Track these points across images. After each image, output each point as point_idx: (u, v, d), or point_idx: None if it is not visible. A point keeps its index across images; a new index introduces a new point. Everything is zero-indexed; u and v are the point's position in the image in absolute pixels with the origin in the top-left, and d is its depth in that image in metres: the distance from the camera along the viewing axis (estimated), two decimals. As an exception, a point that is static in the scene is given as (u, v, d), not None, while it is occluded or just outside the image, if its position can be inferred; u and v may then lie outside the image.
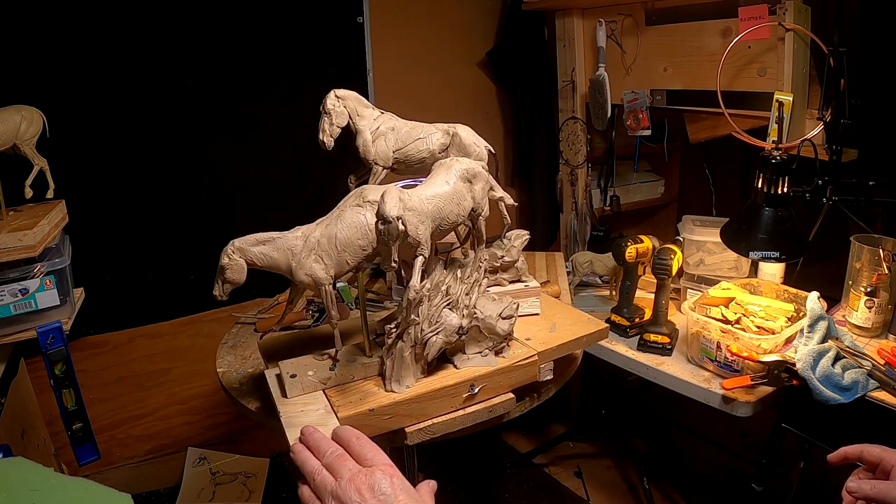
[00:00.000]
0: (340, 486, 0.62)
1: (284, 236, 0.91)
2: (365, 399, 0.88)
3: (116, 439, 1.91)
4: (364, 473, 0.63)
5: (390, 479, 0.62)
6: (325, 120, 1.09)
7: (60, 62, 1.57)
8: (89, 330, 1.78)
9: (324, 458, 0.67)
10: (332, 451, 0.67)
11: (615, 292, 1.78)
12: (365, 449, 0.67)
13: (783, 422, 1.33)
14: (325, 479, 0.64)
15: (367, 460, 0.65)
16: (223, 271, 0.89)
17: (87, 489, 0.69)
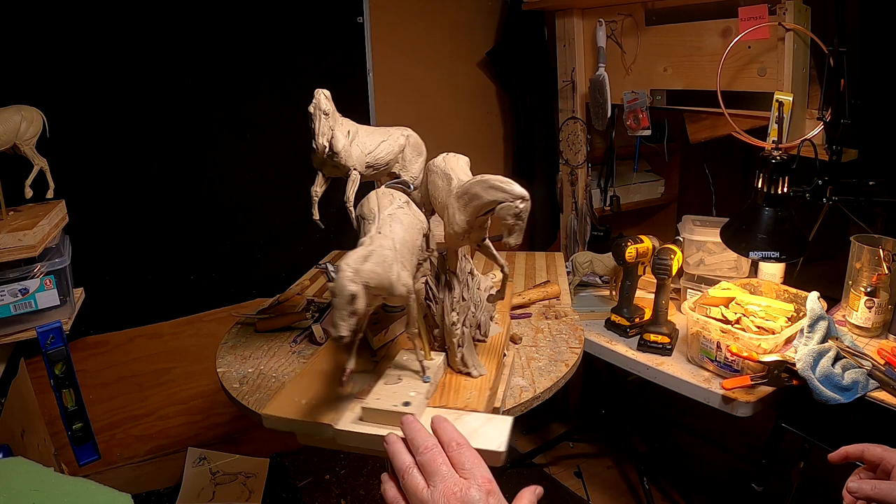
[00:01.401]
0: (432, 496, 0.57)
1: (378, 246, 0.78)
2: (481, 392, 0.88)
3: (116, 439, 1.91)
4: (460, 486, 0.58)
5: (486, 498, 0.57)
6: (324, 121, 1.01)
7: (60, 62, 1.57)
8: (89, 330, 1.78)
9: (418, 454, 0.62)
10: (428, 447, 0.62)
11: (615, 292, 1.78)
12: (464, 457, 0.61)
13: (783, 422, 1.33)
14: (417, 483, 0.59)
15: (465, 470, 0.60)
16: (353, 301, 0.69)
17: (87, 489, 0.69)
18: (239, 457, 2.05)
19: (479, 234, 0.92)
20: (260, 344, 1.21)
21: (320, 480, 2.07)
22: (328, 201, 1.11)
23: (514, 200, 0.83)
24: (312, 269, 1.64)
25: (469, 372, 0.94)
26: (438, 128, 2.30)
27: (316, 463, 2.14)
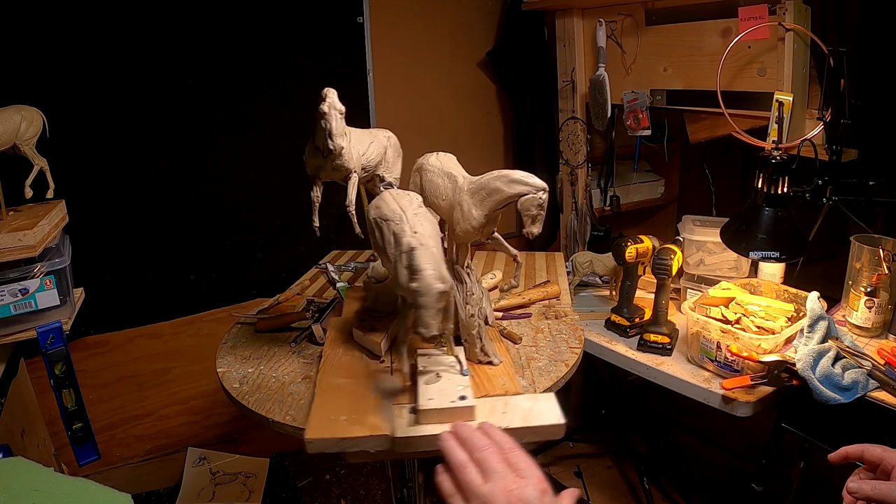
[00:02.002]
0: (491, 490, 0.59)
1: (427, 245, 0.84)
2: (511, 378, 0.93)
3: (116, 439, 1.91)
4: (517, 485, 0.60)
5: (541, 496, 0.59)
6: (341, 120, 0.96)
7: (60, 62, 1.57)
8: (89, 330, 1.78)
9: (474, 451, 0.64)
10: (484, 446, 0.64)
11: (615, 292, 1.78)
12: (519, 458, 0.64)
13: (783, 422, 1.33)
14: (475, 478, 0.61)
15: (521, 470, 0.62)
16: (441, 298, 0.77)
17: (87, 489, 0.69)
18: (239, 457, 2.05)
19: (490, 228, 0.96)
20: (260, 344, 1.21)
21: (320, 480, 2.07)
22: (326, 202, 1.12)
23: (538, 192, 0.89)
24: (312, 269, 1.64)
25: (490, 361, 0.98)
26: (438, 128, 2.30)
27: (316, 463, 2.13)
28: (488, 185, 0.94)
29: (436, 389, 0.85)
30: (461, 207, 0.97)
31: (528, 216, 0.91)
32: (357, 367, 0.99)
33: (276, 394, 1.02)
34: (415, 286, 0.75)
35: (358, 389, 0.91)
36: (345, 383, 0.93)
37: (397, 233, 0.85)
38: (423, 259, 0.76)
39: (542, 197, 0.89)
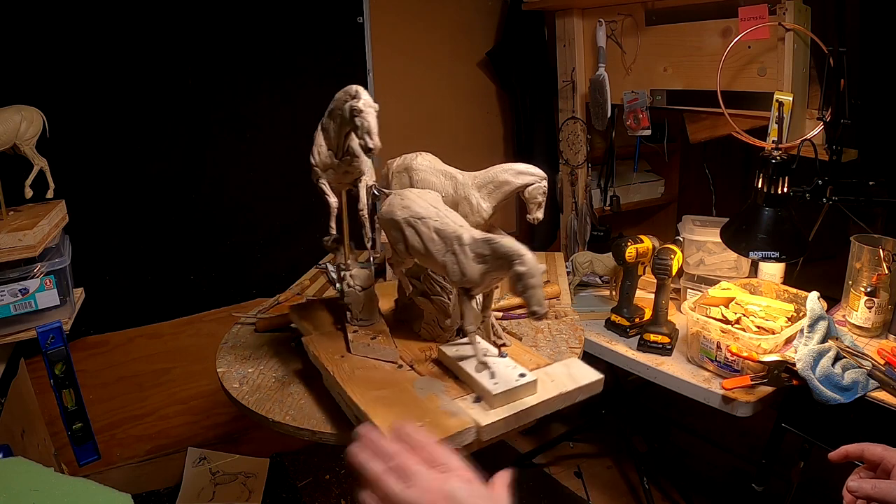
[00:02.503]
0: (413, 495, 0.56)
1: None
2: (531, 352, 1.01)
3: (116, 439, 1.91)
4: (439, 480, 0.57)
5: (468, 487, 0.57)
6: (376, 118, 0.90)
7: (60, 62, 1.57)
8: (89, 330, 1.78)
9: (389, 460, 0.60)
10: (396, 452, 0.60)
11: (615, 292, 1.78)
12: (436, 453, 0.60)
13: (783, 422, 1.33)
14: (393, 486, 0.57)
15: (441, 465, 0.59)
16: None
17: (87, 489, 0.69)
18: (239, 457, 2.05)
19: (493, 220, 1.02)
20: (260, 344, 1.21)
21: (320, 480, 2.07)
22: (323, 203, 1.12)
23: (542, 181, 0.98)
24: (312, 269, 1.64)
25: (504, 343, 1.04)
26: (438, 128, 2.30)
27: (316, 463, 2.13)
28: (497, 178, 1.00)
29: (494, 374, 0.87)
30: (469, 202, 1.01)
31: (535, 203, 0.99)
32: (381, 377, 0.96)
33: (276, 394, 1.02)
34: (523, 270, 0.76)
35: (403, 397, 0.89)
36: (385, 395, 0.89)
37: (441, 228, 0.87)
38: (510, 244, 0.78)
39: (545, 185, 0.98)
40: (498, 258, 0.79)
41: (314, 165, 1.00)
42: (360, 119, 0.88)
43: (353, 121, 0.89)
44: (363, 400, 0.87)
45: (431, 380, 0.94)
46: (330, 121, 0.96)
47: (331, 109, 0.95)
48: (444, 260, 0.86)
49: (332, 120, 0.96)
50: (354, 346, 1.03)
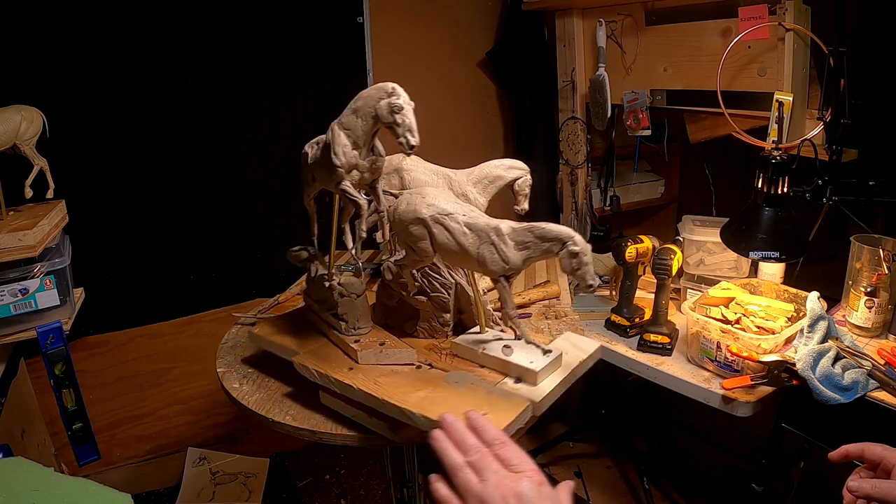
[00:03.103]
0: (486, 489, 0.60)
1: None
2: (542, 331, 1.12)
3: (116, 439, 1.91)
4: (511, 479, 0.61)
5: (538, 489, 0.60)
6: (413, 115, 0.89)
7: (60, 62, 1.57)
8: (89, 330, 1.78)
9: (468, 454, 0.65)
10: (476, 447, 0.65)
11: (615, 292, 1.78)
12: (510, 453, 0.65)
13: (783, 422, 1.33)
14: (470, 479, 0.62)
15: (514, 466, 0.63)
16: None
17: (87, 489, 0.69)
18: (239, 457, 2.05)
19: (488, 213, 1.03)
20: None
21: (320, 480, 2.07)
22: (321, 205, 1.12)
23: (527, 174, 1.10)
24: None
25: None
26: (438, 128, 2.30)
27: (316, 463, 2.14)
28: (491, 174, 1.08)
29: (523, 356, 0.93)
30: (466, 197, 1.05)
31: (523, 195, 1.11)
32: (409, 380, 0.94)
33: (275, 393, 1.02)
34: (577, 249, 0.82)
35: (446, 393, 0.89)
36: (428, 394, 0.89)
37: (472, 222, 0.89)
38: (557, 228, 0.84)
39: (530, 178, 1.12)
40: (546, 242, 0.84)
41: (339, 167, 0.92)
42: (402, 116, 0.87)
43: (393, 118, 0.87)
44: (412, 403, 0.85)
45: (460, 373, 0.94)
46: (357, 119, 0.91)
47: (357, 107, 0.91)
48: (479, 252, 0.88)
49: (359, 118, 0.91)
50: (364, 356, 0.98)
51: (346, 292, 1.03)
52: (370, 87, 0.90)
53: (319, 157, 0.98)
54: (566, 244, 0.82)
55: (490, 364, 0.95)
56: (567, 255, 0.82)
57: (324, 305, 1.07)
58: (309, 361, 0.98)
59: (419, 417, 0.83)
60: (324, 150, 0.95)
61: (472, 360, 0.97)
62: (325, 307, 1.06)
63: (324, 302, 1.07)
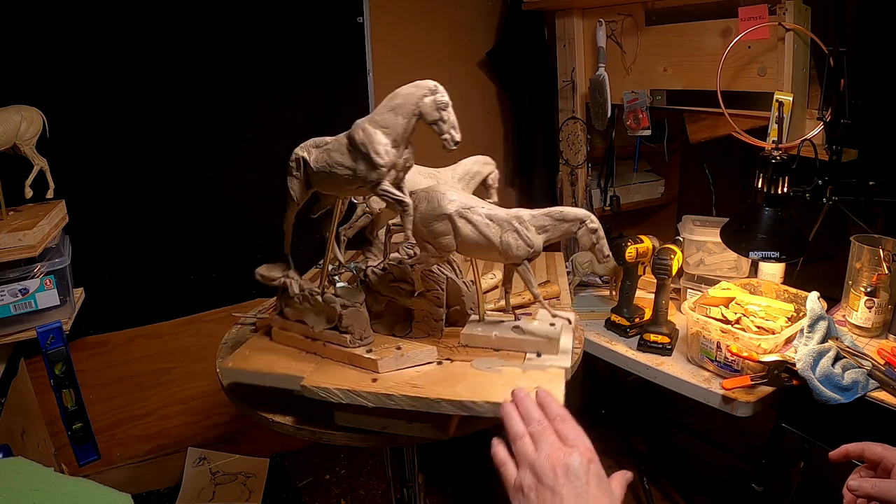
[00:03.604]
0: (539, 458, 0.64)
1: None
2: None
3: (116, 439, 1.91)
4: (563, 452, 0.64)
5: (587, 465, 0.63)
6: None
7: (60, 62, 1.57)
8: (89, 330, 1.78)
9: (531, 425, 0.70)
10: (539, 420, 0.70)
11: (615, 292, 1.78)
12: (568, 429, 0.69)
13: (783, 422, 1.33)
14: (527, 447, 0.67)
15: (570, 440, 0.67)
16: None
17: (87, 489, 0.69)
18: (239, 457, 2.05)
19: None
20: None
21: (320, 480, 2.07)
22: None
23: (495, 168, 1.22)
24: (312, 269, 1.64)
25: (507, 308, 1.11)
26: (438, 128, 2.30)
27: (316, 463, 2.14)
28: (471, 170, 1.19)
29: (536, 328, 1.00)
30: None
31: (494, 188, 1.22)
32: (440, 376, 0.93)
33: (276, 394, 1.02)
34: (595, 226, 0.92)
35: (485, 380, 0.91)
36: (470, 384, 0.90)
37: (493, 213, 0.94)
38: (573, 210, 0.93)
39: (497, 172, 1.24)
40: (566, 223, 0.94)
41: (383, 166, 0.88)
42: (447, 113, 0.87)
43: (439, 114, 0.87)
44: (469, 394, 0.86)
45: (483, 359, 0.97)
46: (396, 117, 0.89)
47: (395, 105, 0.89)
48: (503, 240, 0.94)
49: (398, 116, 0.89)
50: (385, 364, 0.93)
51: (349, 303, 0.98)
52: (406, 85, 0.89)
53: (333, 161, 0.92)
54: (585, 222, 0.93)
55: (507, 346, 0.98)
56: (587, 232, 0.93)
57: (317, 322, 0.99)
58: (324, 382, 0.90)
59: (483, 405, 0.84)
60: (353, 152, 0.90)
61: (487, 345, 1.00)
62: (319, 323, 0.99)
63: (314, 319, 0.99)
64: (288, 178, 1.02)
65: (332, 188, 0.97)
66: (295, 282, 1.05)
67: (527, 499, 0.63)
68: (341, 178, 0.92)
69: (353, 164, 0.90)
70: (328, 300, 0.98)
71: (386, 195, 0.91)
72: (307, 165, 0.97)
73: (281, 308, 1.05)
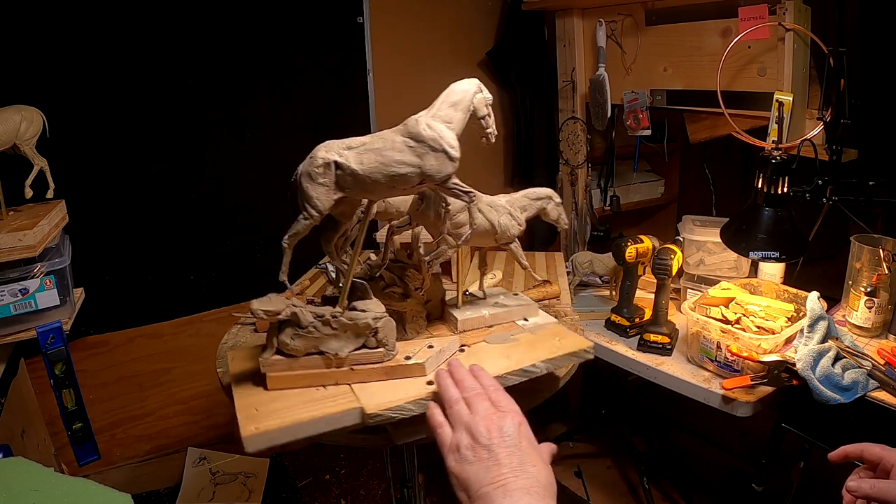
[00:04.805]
0: (474, 420, 0.69)
1: None
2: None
3: (116, 439, 1.91)
4: (497, 415, 0.70)
5: (518, 426, 0.69)
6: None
7: (60, 62, 1.57)
8: (89, 330, 1.78)
9: (465, 392, 0.75)
10: (473, 387, 0.75)
11: (615, 292, 1.78)
12: (500, 397, 0.74)
13: (783, 422, 1.33)
14: (463, 410, 0.72)
15: (502, 406, 0.72)
16: None
17: (87, 489, 0.69)
18: (239, 457, 2.05)
19: None
20: (260, 344, 1.21)
21: (320, 480, 2.07)
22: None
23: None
24: (312, 269, 1.64)
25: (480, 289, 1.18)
26: (438, 128, 2.30)
27: (316, 463, 2.14)
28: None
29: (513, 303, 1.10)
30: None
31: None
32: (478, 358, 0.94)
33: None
34: (559, 199, 1.12)
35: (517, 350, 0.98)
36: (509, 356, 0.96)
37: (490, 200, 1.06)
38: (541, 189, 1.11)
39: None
40: (539, 200, 1.10)
41: (456, 160, 0.87)
42: (488, 114, 0.94)
43: (487, 110, 0.93)
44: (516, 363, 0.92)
45: (491, 336, 1.03)
46: (456, 113, 0.89)
47: (456, 101, 0.89)
48: (501, 222, 1.05)
49: (458, 112, 0.89)
50: (430, 365, 0.90)
51: (379, 315, 0.90)
52: (457, 82, 0.92)
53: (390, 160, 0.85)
54: (552, 198, 1.11)
55: (498, 320, 1.07)
56: (555, 206, 1.11)
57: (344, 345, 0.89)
58: (387, 403, 0.83)
59: (539, 365, 0.93)
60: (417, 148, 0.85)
61: (482, 325, 1.06)
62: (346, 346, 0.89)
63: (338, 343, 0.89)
64: (307, 187, 0.87)
65: (378, 190, 0.89)
66: (304, 309, 0.90)
67: (463, 457, 0.67)
68: (400, 178, 0.86)
69: (418, 161, 0.85)
70: (354, 317, 0.89)
71: (455, 188, 0.91)
72: (343, 169, 0.86)
73: (280, 347, 0.88)
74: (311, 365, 0.89)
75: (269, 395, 0.87)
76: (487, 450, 0.66)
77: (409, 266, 1.05)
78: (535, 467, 0.65)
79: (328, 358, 0.89)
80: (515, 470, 0.64)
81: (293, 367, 0.88)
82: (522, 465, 0.64)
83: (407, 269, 1.05)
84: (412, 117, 0.88)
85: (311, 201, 0.89)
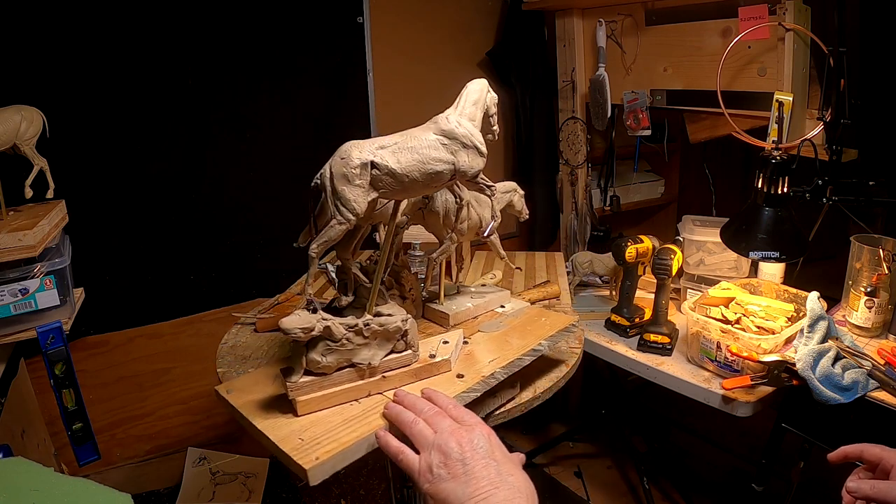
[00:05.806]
0: (441, 437, 0.67)
1: None
2: None
3: (116, 439, 1.91)
4: (464, 429, 0.67)
5: (488, 437, 0.67)
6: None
7: (60, 62, 1.57)
8: (89, 330, 1.78)
9: (421, 414, 0.71)
10: (431, 408, 0.72)
11: (615, 292, 1.78)
12: (462, 413, 0.71)
13: (783, 422, 1.33)
14: (426, 431, 0.69)
15: (466, 422, 0.70)
16: None
17: (87, 489, 0.69)
18: (239, 457, 2.05)
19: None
20: (260, 344, 1.21)
21: (320, 480, 2.06)
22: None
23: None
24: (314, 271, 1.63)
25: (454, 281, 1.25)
26: (438, 128, 2.30)
27: (316, 463, 2.13)
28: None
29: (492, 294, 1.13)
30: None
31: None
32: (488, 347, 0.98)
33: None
34: (522, 192, 1.19)
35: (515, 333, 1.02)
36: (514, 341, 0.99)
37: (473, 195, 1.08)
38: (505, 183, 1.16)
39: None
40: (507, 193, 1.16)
41: (485, 155, 0.92)
42: (497, 108, 0.97)
43: (495, 108, 0.96)
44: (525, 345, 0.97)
45: (483, 324, 1.06)
46: (477, 111, 0.95)
47: (476, 100, 0.95)
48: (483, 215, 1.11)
49: (478, 110, 0.95)
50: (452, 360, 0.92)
51: (405, 316, 0.88)
52: (472, 82, 0.97)
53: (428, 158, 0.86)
54: (517, 190, 1.18)
55: (481, 310, 1.10)
56: (519, 198, 1.18)
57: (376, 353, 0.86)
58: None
59: (543, 343, 0.97)
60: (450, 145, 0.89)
61: (469, 316, 1.08)
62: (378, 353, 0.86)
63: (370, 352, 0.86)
64: (343, 190, 0.82)
65: (413, 189, 0.88)
66: (335, 322, 0.85)
67: (437, 476, 0.64)
68: (436, 175, 0.87)
69: (451, 158, 0.89)
70: (384, 322, 0.86)
71: (482, 182, 0.96)
72: (380, 168, 0.83)
73: (308, 366, 0.82)
74: (343, 380, 0.84)
75: (304, 421, 0.81)
76: (462, 463, 0.64)
77: (402, 268, 1.05)
78: (513, 476, 0.64)
79: (361, 369, 0.85)
80: (494, 482, 0.63)
81: (324, 386, 0.83)
82: (500, 476, 0.63)
83: (402, 272, 1.05)
84: (441, 115, 0.92)
85: (348, 204, 0.82)
